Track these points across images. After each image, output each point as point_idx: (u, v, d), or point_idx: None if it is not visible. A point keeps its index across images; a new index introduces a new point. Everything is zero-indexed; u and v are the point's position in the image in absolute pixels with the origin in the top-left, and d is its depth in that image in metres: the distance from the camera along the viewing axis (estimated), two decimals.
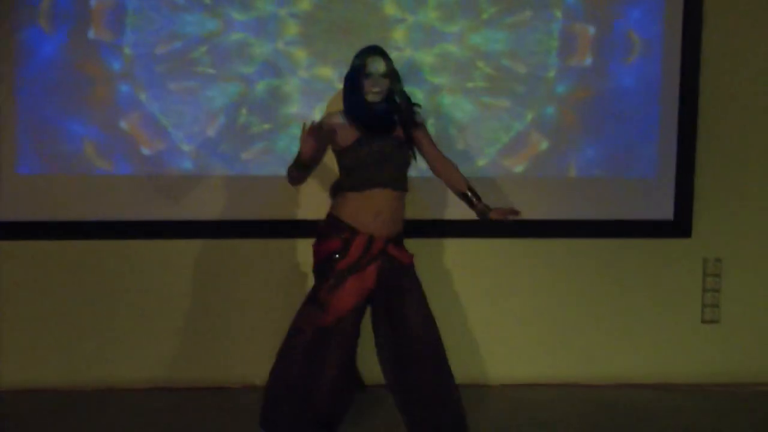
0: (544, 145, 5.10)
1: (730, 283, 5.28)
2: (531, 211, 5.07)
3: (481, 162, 5.08)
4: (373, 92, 3.95)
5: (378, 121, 3.99)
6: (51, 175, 4.92)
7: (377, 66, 3.94)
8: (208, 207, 4.98)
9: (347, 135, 3.98)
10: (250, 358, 5.04)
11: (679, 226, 5.21)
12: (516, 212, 4.03)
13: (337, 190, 4.06)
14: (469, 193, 4.10)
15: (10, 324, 5.00)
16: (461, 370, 4.56)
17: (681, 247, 5.24)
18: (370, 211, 3.95)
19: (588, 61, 5.08)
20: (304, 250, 4.74)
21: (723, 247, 5.27)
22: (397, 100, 4.03)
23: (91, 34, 4.86)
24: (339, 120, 4.02)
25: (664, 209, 5.19)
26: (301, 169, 3.97)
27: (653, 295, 5.26)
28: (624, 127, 5.12)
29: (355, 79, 3.98)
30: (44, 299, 5.01)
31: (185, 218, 4.98)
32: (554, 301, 5.22)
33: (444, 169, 4.17)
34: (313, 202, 4.87)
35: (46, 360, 5.03)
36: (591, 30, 5.06)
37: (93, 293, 5.03)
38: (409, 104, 4.05)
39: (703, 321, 5.29)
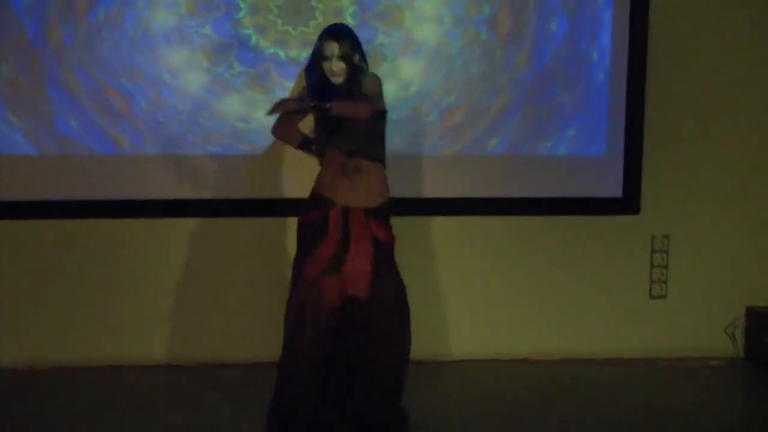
0: (489, 123, 5.08)
1: (677, 259, 5.33)
2: (479, 189, 5.12)
3: (428, 136, 5.08)
4: (333, 75, 4.01)
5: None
6: (36, 156, 4.88)
7: (332, 49, 3.98)
8: (196, 186, 4.98)
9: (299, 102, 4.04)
10: (251, 335, 5.07)
11: (628, 203, 5.22)
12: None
13: None
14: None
15: None
16: (414, 346, 4.57)
17: (629, 223, 5.26)
18: (330, 174, 4.02)
19: (536, 38, 5.07)
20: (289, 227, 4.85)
21: (671, 224, 5.30)
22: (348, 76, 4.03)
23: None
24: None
25: (612, 186, 5.20)
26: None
27: (602, 272, 5.28)
28: (572, 104, 5.12)
29: (314, 61, 4.04)
30: (20, 279, 5.01)
31: (172, 197, 4.98)
32: (502, 278, 5.22)
33: None
34: (296, 179, 4.89)
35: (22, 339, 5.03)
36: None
37: (77, 272, 5.04)
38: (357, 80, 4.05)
39: (651, 297, 5.34)
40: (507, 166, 5.13)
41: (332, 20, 4.72)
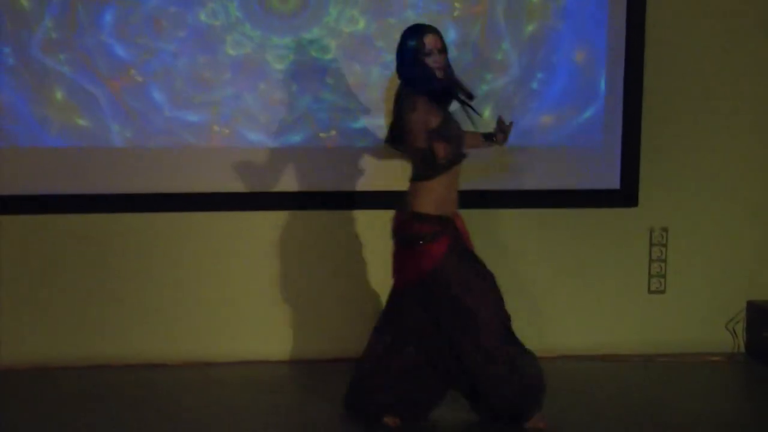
0: (486, 113, 4.98)
1: (676, 252, 5.26)
2: (474, 181, 5.01)
3: None
4: (438, 69, 3.98)
5: (452, 94, 4.06)
6: (65, 148, 4.85)
7: (435, 43, 3.98)
8: (213, 179, 4.96)
9: (432, 115, 3.98)
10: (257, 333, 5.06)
11: (626, 195, 5.16)
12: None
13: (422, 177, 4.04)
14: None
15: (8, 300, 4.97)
16: None
17: (627, 216, 5.20)
18: (453, 188, 4.05)
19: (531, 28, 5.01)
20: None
21: (670, 217, 5.24)
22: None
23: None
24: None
25: (610, 178, 5.14)
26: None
27: (599, 266, 5.22)
28: (569, 95, 5.05)
29: (418, 60, 3.96)
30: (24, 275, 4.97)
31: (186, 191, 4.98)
32: (497, 273, 5.10)
33: None
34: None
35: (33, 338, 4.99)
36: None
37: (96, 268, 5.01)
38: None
39: (650, 291, 5.27)
40: (500, 157, 5.05)
41: None
